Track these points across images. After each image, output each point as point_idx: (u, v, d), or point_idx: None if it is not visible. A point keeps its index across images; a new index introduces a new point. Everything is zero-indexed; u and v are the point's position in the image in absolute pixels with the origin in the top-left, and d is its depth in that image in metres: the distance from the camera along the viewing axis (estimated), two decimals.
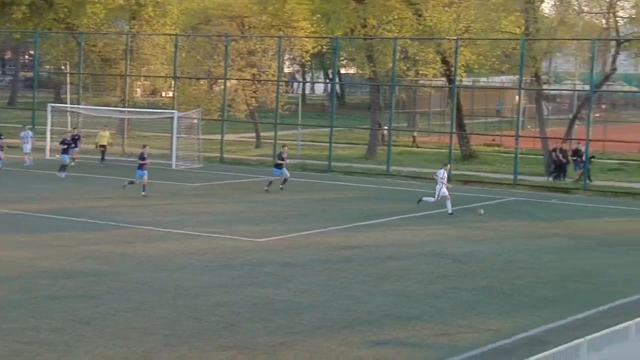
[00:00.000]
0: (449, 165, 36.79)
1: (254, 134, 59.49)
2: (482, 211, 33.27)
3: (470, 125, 60.53)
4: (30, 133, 47.52)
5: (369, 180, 44.06)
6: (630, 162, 51.70)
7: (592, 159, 45.19)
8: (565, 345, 14.36)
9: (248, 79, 55.52)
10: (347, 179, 44.61)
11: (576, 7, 52.37)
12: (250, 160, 50.46)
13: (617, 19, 51.05)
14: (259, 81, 56.11)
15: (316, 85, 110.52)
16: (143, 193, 35.87)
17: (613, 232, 31.15)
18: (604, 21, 52.43)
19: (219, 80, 55.77)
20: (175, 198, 37.35)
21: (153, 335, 17.91)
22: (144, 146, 38.15)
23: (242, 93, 55.77)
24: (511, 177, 43.53)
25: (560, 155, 44.50)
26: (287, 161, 40.47)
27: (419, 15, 50.89)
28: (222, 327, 18.75)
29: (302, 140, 55.82)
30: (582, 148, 44.99)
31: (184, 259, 25.26)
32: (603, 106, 72.96)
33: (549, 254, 27.61)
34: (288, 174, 39.89)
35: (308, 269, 24.53)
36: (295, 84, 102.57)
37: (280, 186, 39.36)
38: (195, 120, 50.03)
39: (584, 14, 53.25)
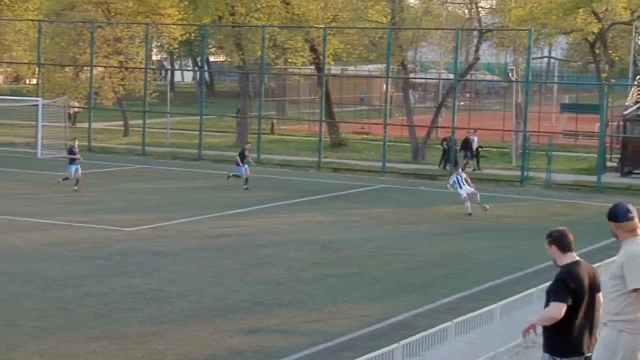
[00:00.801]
0: (460, 169, 34.80)
1: (122, 122, 58.64)
2: (487, 206, 33.02)
3: (339, 114, 61.09)
4: None
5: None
6: (493, 149, 53.12)
7: (481, 149, 45.99)
8: (433, 329, 14.73)
9: (115, 67, 54.65)
10: (218, 167, 44.44)
11: None
12: (119, 149, 49.75)
13: (479, 9, 52.37)
14: (126, 69, 55.29)
15: (185, 73, 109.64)
16: (75, 188, 34.70)
17: (477, 218, 31.98)
18: (466, 11, 53.71)
19: (85, 68, 54.73)
20: (41, 187, 36.54)
21: (20, 328, 17.55)
22: (74, 139, 37.19)
23: (109, 81, 54.84)
24: (380, 164, 44.18)
25: (448, 144, 45.30)
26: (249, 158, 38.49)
27: (287, 4, 51.05)
28: (93, 318, 18.50)
29: (171, 129, 55.30)
30: (472, 137, 46.05)
31: (52, 249, 24.78)
32: (467, 94, 74.68)
33: (417, 239, 28.17)
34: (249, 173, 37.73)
35: (179, 258, 24.40)
36: (163, 72, 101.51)
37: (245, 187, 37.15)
38: (74, 110, 48.96)
39: (448, 4, 54.47)
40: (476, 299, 20.46)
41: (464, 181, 33.01)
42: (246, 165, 37.52)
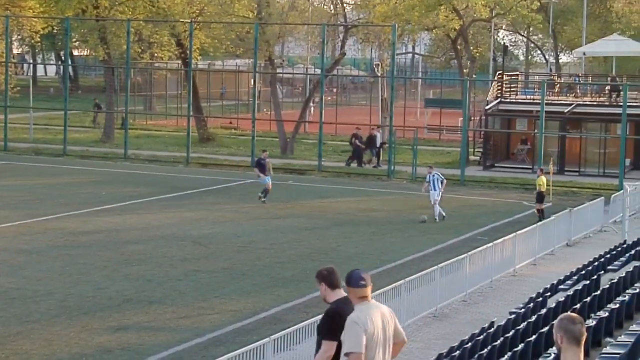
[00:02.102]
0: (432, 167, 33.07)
1: None
2: (425, 217, 32.01)
3: (207, 108, 60.72)
4: None
5: (106, 164, 43.24)
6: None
7: (384, 145, 45.94)
8: (303, 323, 14.84)
9: None
10: (83, 163, 43.58)
11: None
12: None
13: (344, 5, 52.91)
14: None
15: (48, 67, 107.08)
16: None
17: (345, 212, 32.30)
18: (332, 7, 54.18)
19: None
20: None
21: None
22: None
23: None
24: (249, 159, 44.10)
25: (357, 141, 45.35)
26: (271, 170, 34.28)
27: None
28: None
29: (34, 124, 53.93)
30: (376, 134, 46.23)
31: None
32: (334, 89, 75.33)
33: (287, 234, 28.26)
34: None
35: (44, 256, 23.87)
36: (25, 66, 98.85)
37: (263, 199, 33.41)
38: None
39: (314, 0, 54.83)
40: None
41: (439, 183, 31.11)
42: (269, 177, 33.54)
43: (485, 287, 22.29)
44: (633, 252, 21.01)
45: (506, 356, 12.74)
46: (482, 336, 14.39)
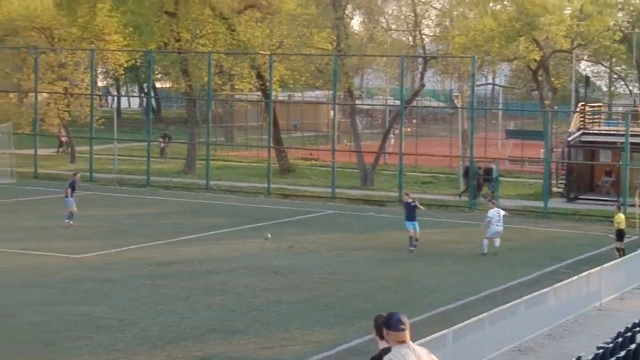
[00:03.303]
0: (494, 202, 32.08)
1: (68, 149, 58.01)
2: (269, 235, 32.44)
3: (287, 140, 61.11)
4: None
5: (188, 195, 43.76)
6: (441, 175, 53.43)
7: (499, 178, 45.32)
8: None
9: (60, 93, 54.16)
10: (166, 193, 44.16)
11: (384, 25, 53.90)
12: (66, 175, 48.96)
13: (423, 37, 52.83)
14: (71, 95, 54.82)
15: (132, 99, 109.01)
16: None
17: (426, 243, 32.04)
18: (410, 39, 54.17)
19: (30, 94, 54.14)
20: None
21: None
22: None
23: (55, 107, 54.32)
24: (329, 190, 44.20)
25: (479, 173, 44.59)
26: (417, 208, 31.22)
27: (233, 30, 51.06)
28: (41, 347, 18.23)
29: (118, 155, 54.88)
30: (492, 166, 45.47)
31: None
32: (414, 121, 75.16)
33: (367, 265, 28.17)
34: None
35: (128, 285, 24.15)
36: (110, 98, 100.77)
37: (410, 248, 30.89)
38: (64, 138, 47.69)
39: (392, 32, 54.84)
40: (428, 323, 20.46)
41: (501, 219, 30.51)
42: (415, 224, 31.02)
43: (571, 321, 21.88)
44: None
45: None
46: None
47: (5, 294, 22.63)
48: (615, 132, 46.67)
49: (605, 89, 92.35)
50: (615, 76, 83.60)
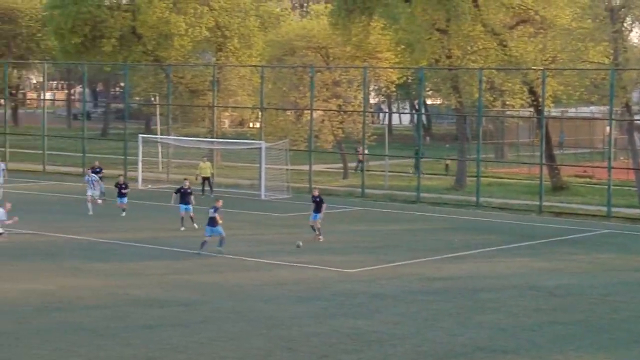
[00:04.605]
0: None
1: (341, 165, 59.55)
2: (300, 243, 31.77)
3: (560, 156, 59.70)
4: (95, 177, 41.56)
5: (458, 212, 43.66)
6: None
7: None
8: None
9: (334, 110, 55.71)
10: (436, 209, 44.28)
11: None
12: (338, 191, 50.40)
13: None
14: (344, 112, 56.25)
15: (402, 115, 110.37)
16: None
17: None
18: None
19: (305, 111, 56.09)
20: (265, 228, 37.53)
21: None
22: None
23: (329, 123, 55.95)
24: (604, 209, 42.68)
25: None
26: None
27: (504, 46, 50.47)
28: (316, 358, 18.67)
29: (389, 171, 55.68)
30: None
31: (275, 289, 25.29)
32: None
33: None
34: None
35: (399, 300, 24.35)
36: (381, 115, 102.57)
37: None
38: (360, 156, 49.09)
39: None
40: None
41: None
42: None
43: None
44: None
45: None
46: None
47: (284, 305, 23.42)
48: None
49: None
50: None
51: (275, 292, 24.89)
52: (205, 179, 47.27)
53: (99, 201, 39.87)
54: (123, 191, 39.29)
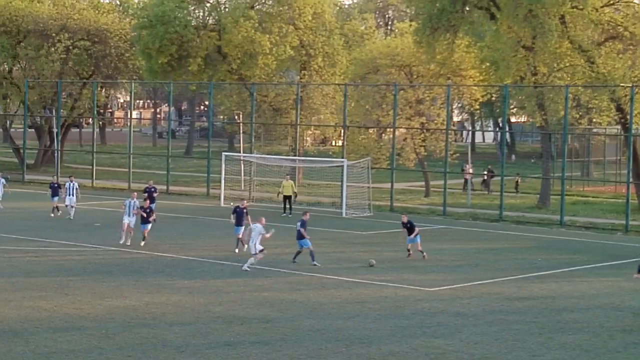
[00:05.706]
0: None
1: (423, 183, 59.37)
2: (373, 262, 31.99)
3: None
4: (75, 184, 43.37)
5: (541, 230, 43.15)
6: None
7: None
8: None
9: (417, 128, 55.61)
10: (518, 228, 43.82)
11: None
12: (420, 209, 50.27)
13: None
14: (427, 130, 56.10)
15: (486, 133, 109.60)
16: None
17: None
18: None
19: (388, 129, 56.06)
20: (346, 246, 37.58)
21: None
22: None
23: (411, 142, 55.86)
24: None
25: None
26: None
27: (592, 63, 49.79)
28: None
29: (472, 190, 55.30)
30: None
31: (356, 307, 25.29)
32: None
33: None
34: None
35: (480, 320, 24.13)
36: (464, 133, 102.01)
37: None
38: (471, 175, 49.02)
39: None
40: None
41: None
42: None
43: None
44: None
45: None
46: None
47: (363, 323, 23.39)
48: None
49: None
50: None
51: (355, 310, 24.89)
52: (286, 197, 47.26)
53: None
54: (148, 218, 35.69)
